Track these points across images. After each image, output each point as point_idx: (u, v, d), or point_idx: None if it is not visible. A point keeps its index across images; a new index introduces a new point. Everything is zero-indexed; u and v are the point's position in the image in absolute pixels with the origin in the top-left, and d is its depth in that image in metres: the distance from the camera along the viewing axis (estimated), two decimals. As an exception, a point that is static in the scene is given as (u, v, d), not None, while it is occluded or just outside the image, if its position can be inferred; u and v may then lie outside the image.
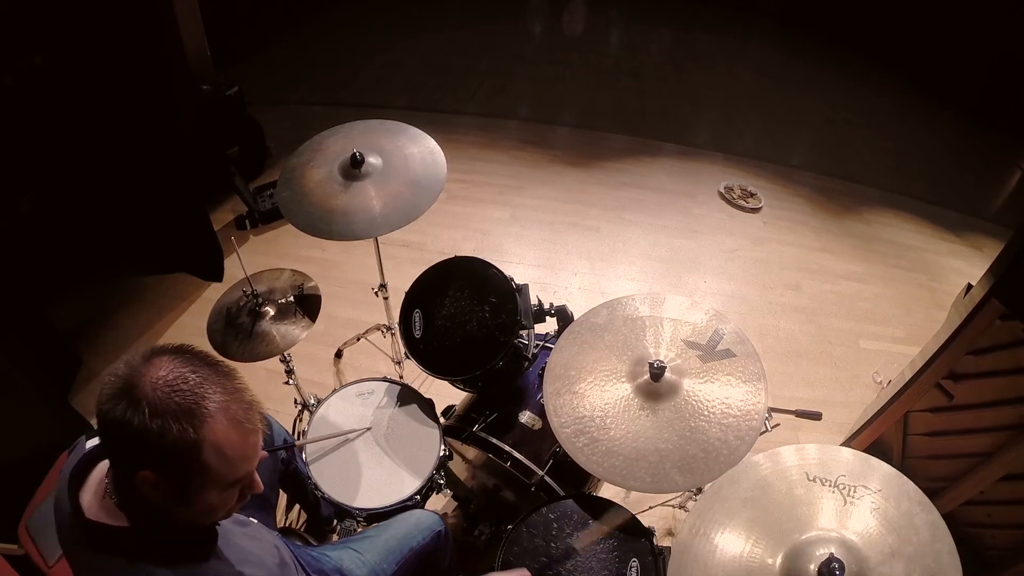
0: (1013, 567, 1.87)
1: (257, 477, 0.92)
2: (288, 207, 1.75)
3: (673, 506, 2.10)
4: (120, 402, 0.78)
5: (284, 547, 1.20)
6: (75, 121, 2.50)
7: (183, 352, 0.83)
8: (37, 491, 1.76)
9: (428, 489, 1.61)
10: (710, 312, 1.49)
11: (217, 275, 2.98)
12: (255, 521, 1.25)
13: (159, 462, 0.80)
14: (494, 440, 1.61)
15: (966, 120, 4.63)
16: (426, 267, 1.83)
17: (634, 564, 1.31)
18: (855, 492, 1.08)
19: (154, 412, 0.77)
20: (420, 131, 1.91)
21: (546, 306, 1.79)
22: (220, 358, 0.87)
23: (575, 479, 1.63)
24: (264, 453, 0.93)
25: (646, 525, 1.39)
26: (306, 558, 1.31)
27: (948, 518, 1.88)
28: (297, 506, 2.02)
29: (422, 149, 1.85)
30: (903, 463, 2.04)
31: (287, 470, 1.63)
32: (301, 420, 2.12)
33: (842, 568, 0.94)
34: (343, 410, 1.74)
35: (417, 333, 1.71)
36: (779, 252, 3.29)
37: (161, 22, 2.67)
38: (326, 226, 1.70)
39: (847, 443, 2.20)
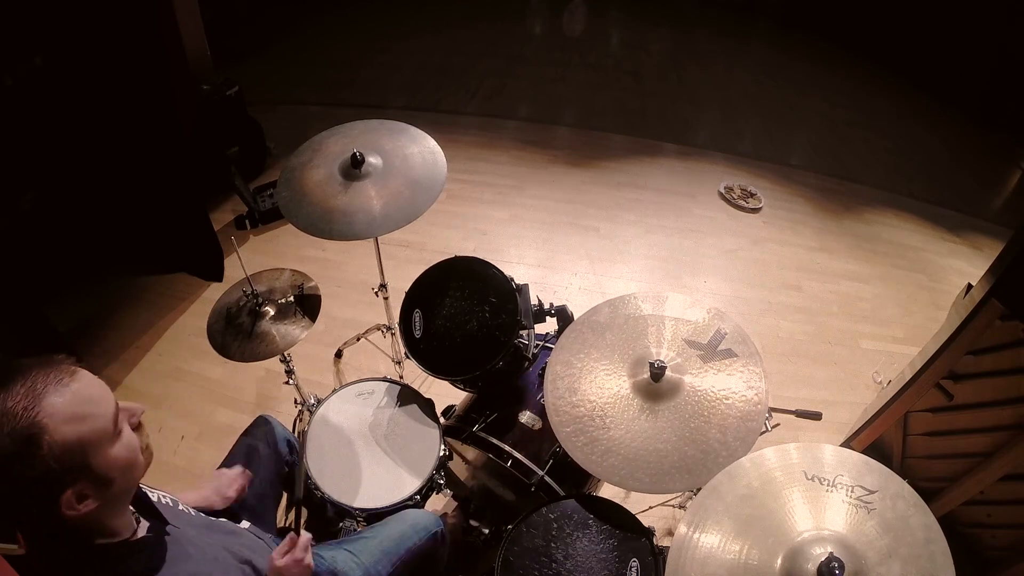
0: (1013, 567, 1.87)
1: (128, 403, 0.90)
2: (288, 207, 1.75)
3: (673, 506, 2.10)
4: None
5: (271, 549, 1.20)
6: (75, 121, 2.50)
7: None
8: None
9: (428, 489, 1.61)
10: (711, 311, 1.49)
11: (217, 275, 2.98)
12: (243, 526, 1.25)
13: (56, 484, 0.78)
14: (494, 440, 1.61)
15: (966, 120, 4.64)
16: (426, 267, 1.83)
17: (634, 564, 1.31)
18: (853, 492, 1.08)
19: (7, 464, 0.75)
20: (420, 131, 1.91)
21: (546, 306, 1.79)
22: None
23: (575, 479, 1.63)
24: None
25: (646, 525, 1.39)
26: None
27: (948, 518, 1.90)
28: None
29: (422, 149, 1.85)
30: (903, 463, 2.04)
31: (290, 472, 1.63)
32: (301, 420, 2.12)
33: (842, 567, 0.94)
34: (343, 410, 1.74)
35: (417, 333, 1.71)
36: (779, 252, 3.29)
37: (161, 22, 2.67)
38: (326, 226, 1.70)
39: (847, 443, 2.19)
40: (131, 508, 0.96)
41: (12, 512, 0.80)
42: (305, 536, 1.18)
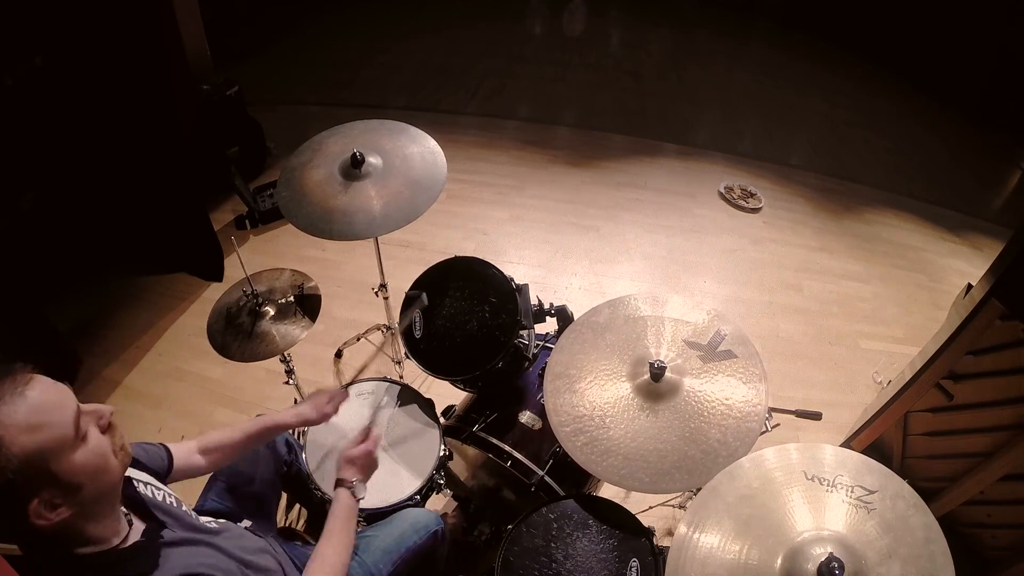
0: (1013, 567, 1.87)
1: (93, 405, 0.88)
2: (288, 207, 1.75)
3: (673, 506, 2.10)
4: None
5: (272, 549, 1.20)
6: (75, 121, 2.50)
7: None
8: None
9: (428, 489, 1.61)
10: (711, 312, 1.49)
11: (217, 275, 2.98)
12: (244, 526, 1.25)
13: (18, 496, 0.77)
14: (494, 440, 1.61)
15: (966, 120, 4.64)
16: (426, 267, 1.83)
17: (634, 564, 1.31)
18: (853, 492, 1.08)
19: None
20: (420, 131, 1.91)
21: (546, 306, 1.79)
22: None
23: (575, 479, 1.63)
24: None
25: (646, 525, 1.39)
26: (301, 558, 1.31)
27: (948, 518, 1.90)
28: (297, 506, 2.02)
29: (422, 149, 1.85)
30: (903, 463, 2.04)
31: (289, 472, 1.63)
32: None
33: (841, 567, 0.94)
34: (343, 410, 1.74)
35: (417, 333, 1.71)
36: (779, 252, 3.29)
37: (161, 22, 2.67)
38: (326, 226, 1.70)
39: (847, 443, 2.19)
40: (124, 510, 0.95)
41: None
42: (377, 431, 1.34)
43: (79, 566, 0.86)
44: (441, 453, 1.63)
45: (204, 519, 1.13)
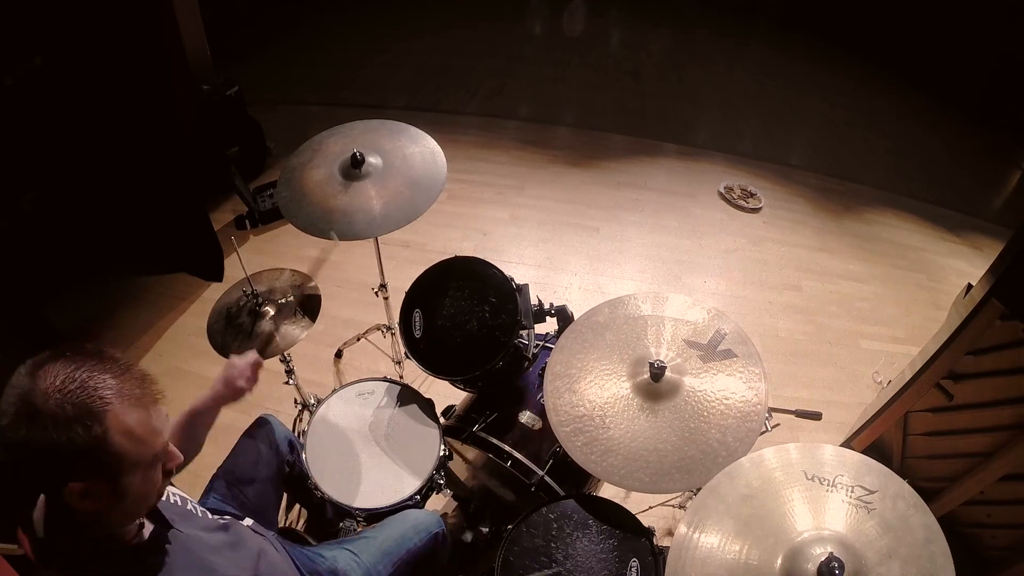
0: (1013, 567, 1.87)
1: (173, 448, 0.92)
2: (288, 207, 1.75)
3: (673, 506, 2.10)
4: (21, 426, 0.76)
5: (273, 548, 1.20)
6: (75, 121, 2.50)
7: (64, 353, 0.81)
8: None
9: (428, 489, 1.61)
10: (711, 311, 1.49)
11: (217, 275, 2.98)
12: (246, 524, 1.25)
13: (79, 469, 0.79)
14: (494, 440, 1.61)
15: (966, 120, 4.64)
16: (426, 267, 1.83)
17: (634, 564, 1.31)
18: (853, 492, 1.08)
19: (55, 423, 0.76)
20: (420, 131, 1.91)
21: (546, 306, 1.79)
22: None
23: (575, 479, 1.63)
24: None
25: (646, 525, 1.39)
26: (301, 558, 1.31)
27: (948, 518, 1.90)
28: (297, 506, 2.02)
29: (422, 149, 1.85)
30: (903, 463, 2.04)
31: (291, 472, 1.63)
32: (301, 420, 2.12)
33: (841, 567, 0.94)
34: (343, 410, 1.74)
35: (417, 333, 1.71)
36: (779, 252, 3.29)
37: (161, 22, 2.67)
38: (326, 226, 1.70)
39: (847, 443, 2.19)
40: None
41: (31, 471, 0.80)
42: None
43: (91, 555, 0.87)
44: (441, 453, 1.63)
45: (211, 514, 1.13)
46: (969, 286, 1.72)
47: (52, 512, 0.86)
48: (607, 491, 1.91)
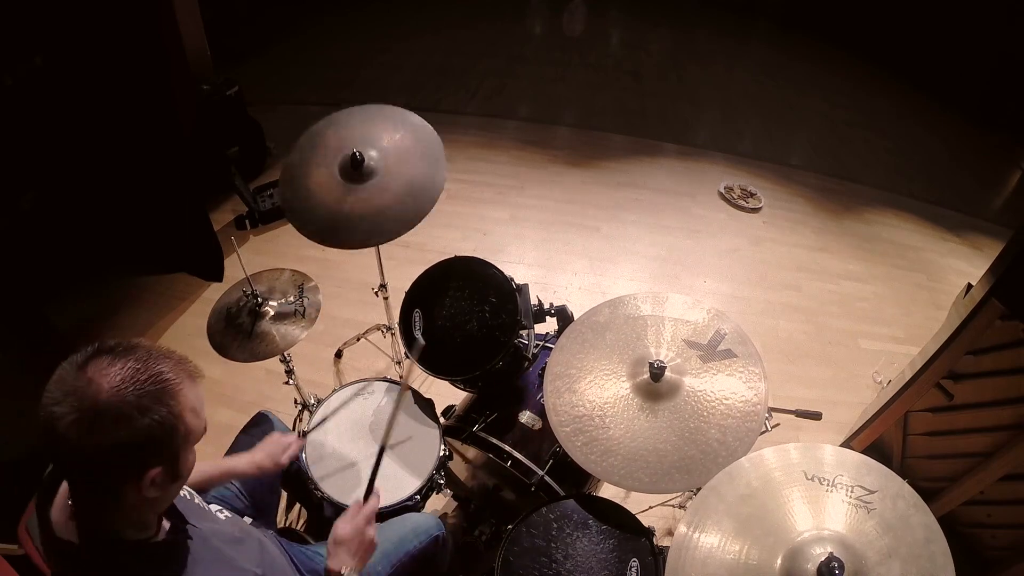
0: (1013, 567, 1.87)
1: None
2: (294, 212, 1.75)
3: (673, 506, 2.10)
4: (100, 427, 0.75)
5: (273, 546, 1.19)
6: (75, 121, 2.50)
7: (108, 349, 0.80)
8: (37, 491, 1.75)
9: (428, 489, 1.60)
10: (711, 311, 1.49)
11: (217, 275, 2.98)
12: (246, 521, 1.25)
13: (157, 453, 0.81)
14: (494, 440, 1.61)
15: (966, 120, 4.64)
16: (426, 267, 1.83)
17: (634, 564, 1.31)
18: (853, 492, 1.08)
19: (143, 411, 0.77)
20: (415, 115, 1.92)
21: (546, 306, 1.79)
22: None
23: (575, 479, 1.63)
24: None
25: (646, 525, 1.39)
26: (300, 556, 1.31)
27: (948, 518, 1.90)
28: (297, 505, 2.02)
29: (418, 137, 1.85)
30: (903, 463, 2.04)
31: (289, 470, 1.63)
32: (301, 420, 2.12)
33: (841, 567, 0.94)
34: (343, 410, 1.74)
35: (417, 333, 1.71)
36: (779, 252, 3.29)
37: (161, 22, 2.67)
38: (331, 236, 1.70)
39: (847, 443, 2.20)
40: None
41: (115, 467, 0.79)
42: (372, 503, 1.10)
43: (118, 553, 0.86)
44: (441, 453, 1.63)
45: (214, 507, 1.13)
46: (969, 286, 1.72)
47: (91, 511, 0.84)
48: (607, 491, 1.91)
